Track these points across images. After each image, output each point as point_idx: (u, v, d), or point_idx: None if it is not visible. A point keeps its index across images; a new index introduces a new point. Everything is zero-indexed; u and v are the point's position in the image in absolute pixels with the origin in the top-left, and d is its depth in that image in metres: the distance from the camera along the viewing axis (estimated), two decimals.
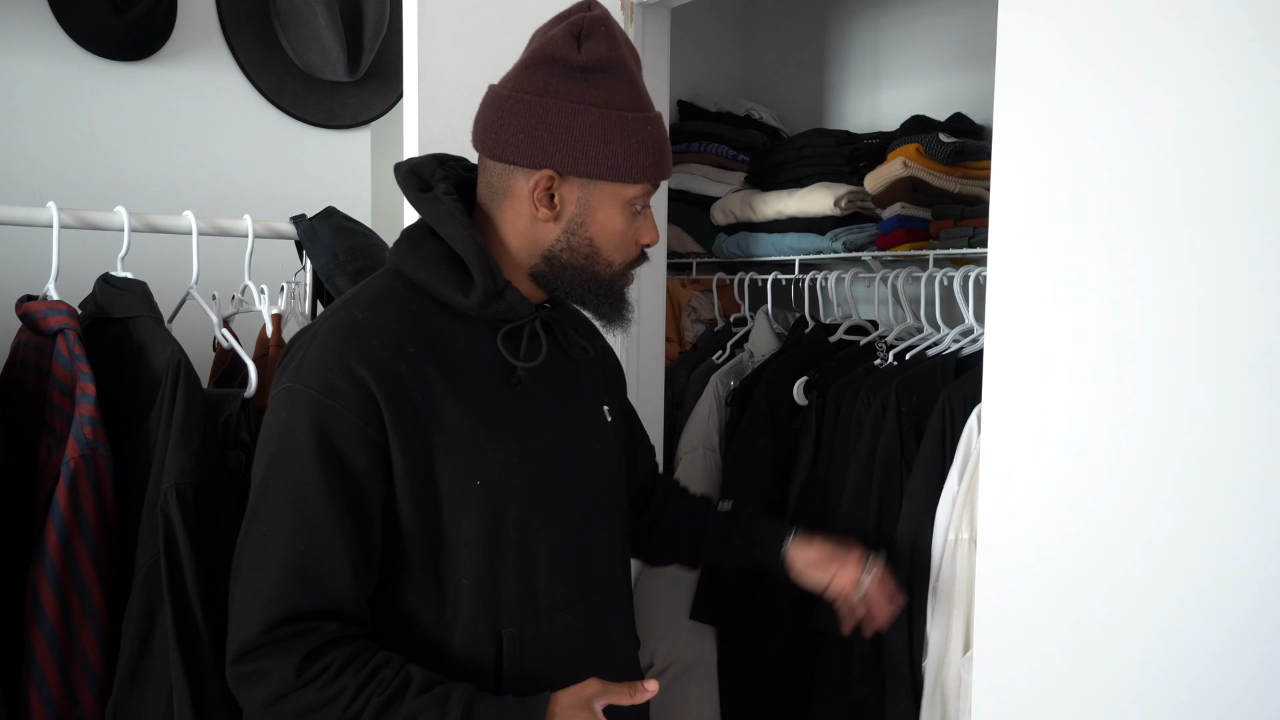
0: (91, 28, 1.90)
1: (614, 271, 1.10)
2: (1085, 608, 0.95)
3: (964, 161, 1.74)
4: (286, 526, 0.96)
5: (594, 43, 1.04)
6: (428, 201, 1.08)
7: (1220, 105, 0.83)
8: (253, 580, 0.97)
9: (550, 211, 1.06)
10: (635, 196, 1.07)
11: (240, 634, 0.95)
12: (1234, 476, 0.84)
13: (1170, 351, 0.87)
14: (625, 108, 1.05)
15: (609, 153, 1.04)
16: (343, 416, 0.97)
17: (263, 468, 0.99)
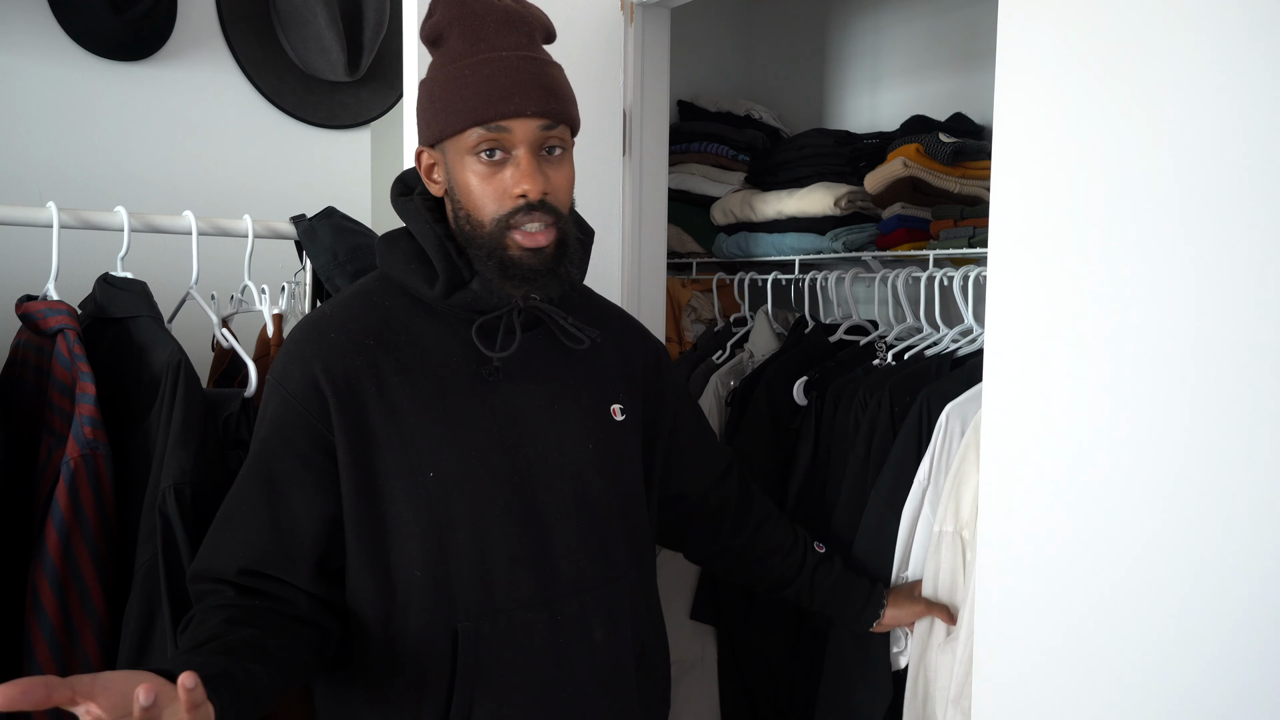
0: (91, 28, 1.90)
1: (494, 229, 1.04)
2: (1085, 607, 0.95)
3: (964, 161, 1.74)
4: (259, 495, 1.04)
5: (434, 17, 1.07)
6: (402, 204, 1.12)
7: (1220, 105, 0.83)
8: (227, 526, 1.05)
9: (438, 186, 1.09)
10: (476, 144, 1.03)
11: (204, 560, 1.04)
12: (1234, 475, 0.84)
13: (1170, 351, 0.87)
14: (457, 59, 1.04)
15: (435, 110, 1.05)
16: (294, 408, 1.03)
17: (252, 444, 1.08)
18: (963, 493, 1.31)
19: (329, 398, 1.02)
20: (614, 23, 1.72)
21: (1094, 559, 0.94)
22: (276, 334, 1.39)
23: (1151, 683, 0.90)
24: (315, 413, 1.02)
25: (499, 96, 1.02)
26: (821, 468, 1.62)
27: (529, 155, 1.04)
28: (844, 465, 1.56)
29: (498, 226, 1.04)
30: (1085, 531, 0.94)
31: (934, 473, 1.35)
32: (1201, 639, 0.87)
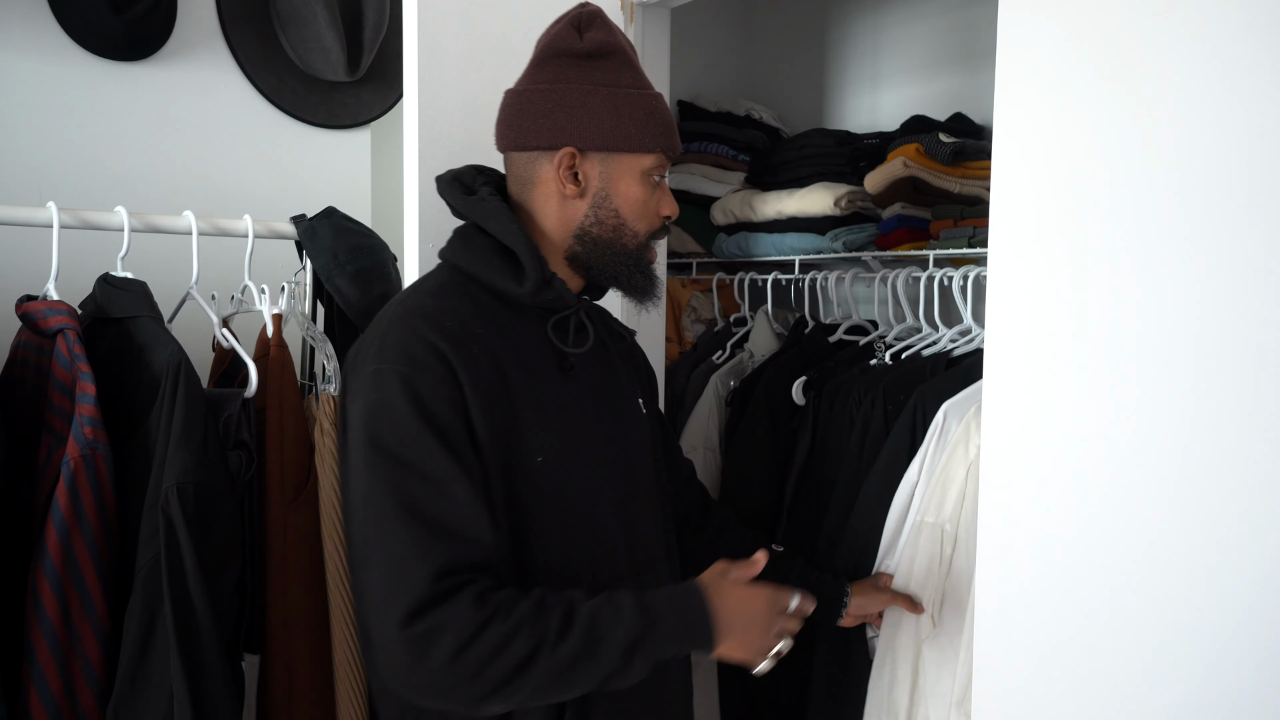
0: (91, 28, 1.90)
1: (640, 242, 1.17)
2: (1086, 608, 0.95)
3: (964, 161, 1.74)
4: (414, 493, 0.98)
5: (594, 31, 1.14)
6: (474, 203, 1.15)
7: (1221, 104, 0.83)
8: (394, 550, 0.96)
9: (576, 188, 1.14)
10: (651, 167, 1.15)
11: (402, 597, 0.94)
12: (1235, 475, 0.84)
13: (1170, 350, 0.87)
14: (630, 86, 1.14)
15: (621, 125, 1.12)
16: (433, 387, 1.01)
17: (363, 450, 1.01)
18: (949, 487, 1.32)
19: (461, 377, 1.03)
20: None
21: (1095, 559, 0.94)
22: (276, 334, 1.39)
23: (1153, 683, 0.90)
24: (450, 385, 1.03)
25: (673, 134, 1.17)
26: (817, 466, 1.63)
27: (666, 183, 1.20)
28: (839, 463, 1.57)
29: (647, 238, 1.18)
30: (1086, 531, 0.94)
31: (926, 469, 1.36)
32: (1203, 638, 0.87)
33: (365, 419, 1.02)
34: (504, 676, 0.95)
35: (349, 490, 1.05)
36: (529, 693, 0.97)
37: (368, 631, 0.99)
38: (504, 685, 0.95)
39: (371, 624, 0.97)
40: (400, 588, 0.95)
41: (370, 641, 0.98)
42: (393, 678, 0.96)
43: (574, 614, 0.99)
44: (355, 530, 1.01)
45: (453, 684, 0.95)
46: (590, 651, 0.98)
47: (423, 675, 0.95)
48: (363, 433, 1.01)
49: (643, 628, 0.99)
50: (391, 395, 1.01)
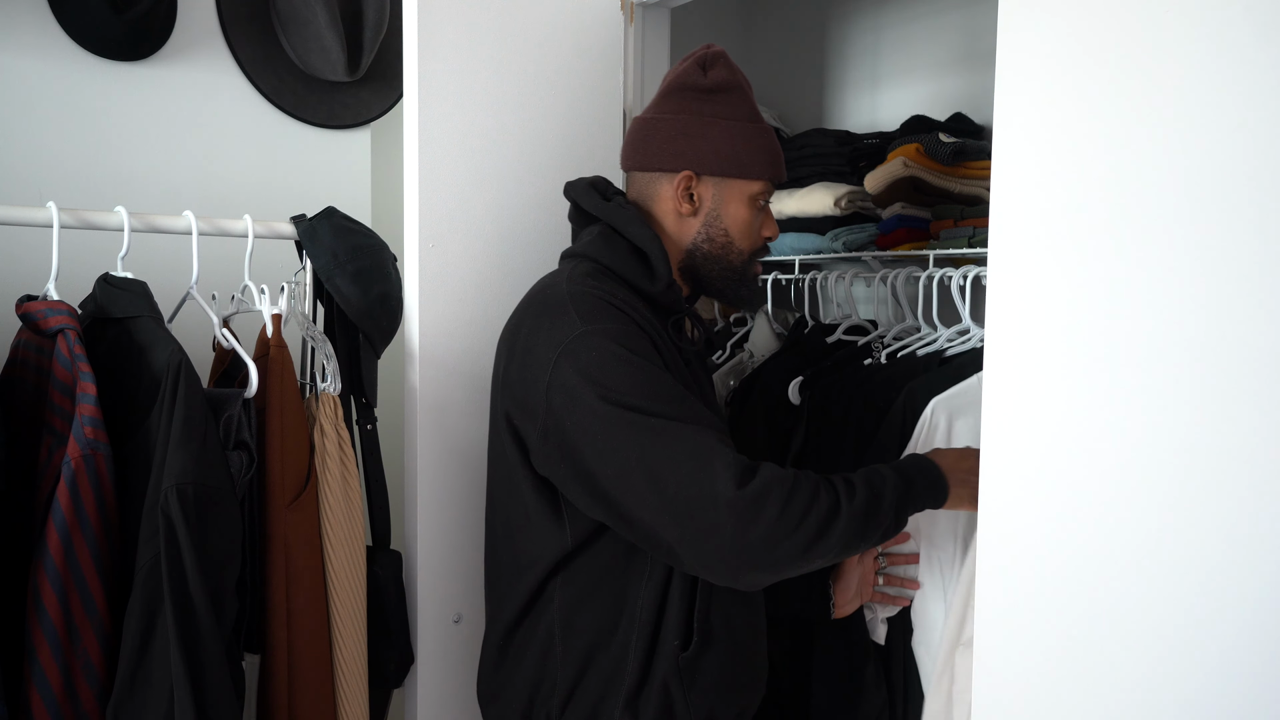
0: (91, 27, 1.90)
1: (744, 259, 1.34)
2: (1087, 607, 0.95)
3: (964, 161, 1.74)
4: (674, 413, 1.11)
5: (717, 70, 1.31)
6: (614, 208, 1.30)
7: (1222, 104, 0.83)
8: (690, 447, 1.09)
9: (691, 207, 1.30)
10: (759, 192, 1.32)
11: (724, 472, 1.07)
12: (1236, 475, 0.84)
13: (1170, 350, 0.87)
14: (746, 119, 1.31)
15: (736, 154, 1.29)
16: (636, 338, 1.17)
17: (612, 393, 1.11)
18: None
19: (649, 332, 1.19)
20: (614, 23, 1.72)
21: (1095, 558, 0.94)
22: (276, 334, 1.39)
23: (1155, 683, 0.90)
24: (646, 339, 1.18)
25: (781, 163, 1.34)
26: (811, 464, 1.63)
27: (769, 208, 1.37)
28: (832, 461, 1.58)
29: (751, 257, 1.35)
30: (1086, 531, 0.95)
31: None
32: (1205, 638, 0.87)
33: (600, 371, 1.12)
34: (819, 527, 1.09)
35: (600, 442, 1.11)
36: (835, 543, 1.11)
37: (691, 530, 1.08)
38: (819, 536, 1.09)
39: (695, 515, 1.08)
40: (717, 466, 1.08)
41: (692, 537, 1.09)
42: (727, 552, 1.08)
43: (852, 479, 1.15)
44: (635, 459, 1.10)
45: (781, 537, 1.08)
46: (875, 505, 1.13)
47: (759, 533, 1.07)
48: (589, 390, 1.12)
49: (904, 487, 1.16)
50: (611, 346, 1.14)
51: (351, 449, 1.43)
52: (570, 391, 1.13)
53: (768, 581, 1.15)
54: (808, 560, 1.11)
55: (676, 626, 1.20)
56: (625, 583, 1.22)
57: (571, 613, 1.23)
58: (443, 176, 1.52)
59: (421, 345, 1.51)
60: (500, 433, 1.26)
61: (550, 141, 1.64)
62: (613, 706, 1.20)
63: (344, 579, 1.37)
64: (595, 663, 1.22)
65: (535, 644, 1.26)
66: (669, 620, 1.21)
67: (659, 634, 1.21)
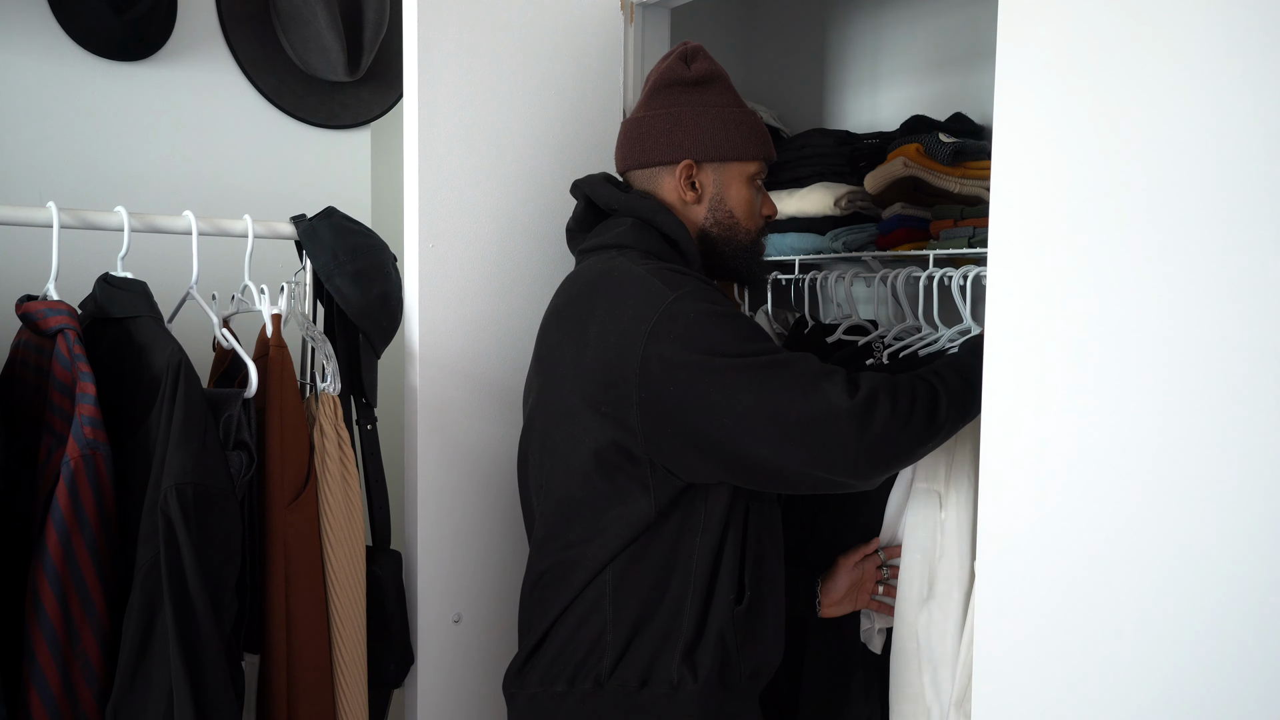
0: (91, 28, 1.90)
1: (751, 237, 1.40)
2: (1087, 606, 0.95)
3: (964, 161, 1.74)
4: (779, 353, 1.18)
5: (699, 62, 1.37)
6: (638, 199, 1.35)
7: (1222, 104, 0.83)
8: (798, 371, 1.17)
9: (694, 194, 1.35)
10: (755, 172, 1.38)
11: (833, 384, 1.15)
12: (1236, 475, 0.84)
13: (1170, 350, 0.87)
14: (733, 105, 1.37)
15: (729, 137, 1.34)
16: (720, 297, 1.23)
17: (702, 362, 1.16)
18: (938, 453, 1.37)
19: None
20: (614, 23, 1.72)
21: (1096, 557, 0.94)
22: (276, 334, 1.39)
23: (1155, 683, 0.90)
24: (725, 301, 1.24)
25: (768, 140, 1.39)
26: None
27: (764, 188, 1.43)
28: None
29: (757, 234, 1.41)
30: (1086, 530, 0.94)
31: None
32: (1206, 637, 0.87)
33: (694, 337, 1.17)
34: (927, 414, 1.18)
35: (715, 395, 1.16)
36: (945, 424, 1.19)
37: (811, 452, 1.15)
38: (929, 422, 1.18)
39: (821, 434, 1.14)
40: (826, 386, 1.15)
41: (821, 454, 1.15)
42: (857, 455, 1.15)
43: (938, 368, 1.23)
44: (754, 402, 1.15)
45: (898, 430, 1.15)
46: (966, 382, 1.20)
47: (879, 432, 1.14)
48: (699, 346, 1.17)
49: (972, 367, 1.21)
50: (699, 308, 1.19)
51: (351, 449, 1.43)
52: (671, 359, 1.17)
53: (894, 470, 1.27)
54: (925, 445, 1.20)
55: (731, 582, 1.25)
56: (678, 543, 1.25)
57: (621, 579, 1.25)
58: (443, 177, 1.52)
59: (421, 345, 1.51)
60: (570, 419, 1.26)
61: (550, 141, 1.64)
62: (669, 660, 1.23)
63: (344, 579, 1.37)
64: (651, 621, 1.25)
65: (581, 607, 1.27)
66: (723, 577, 1.25)
67: (714, 590, 1.25)
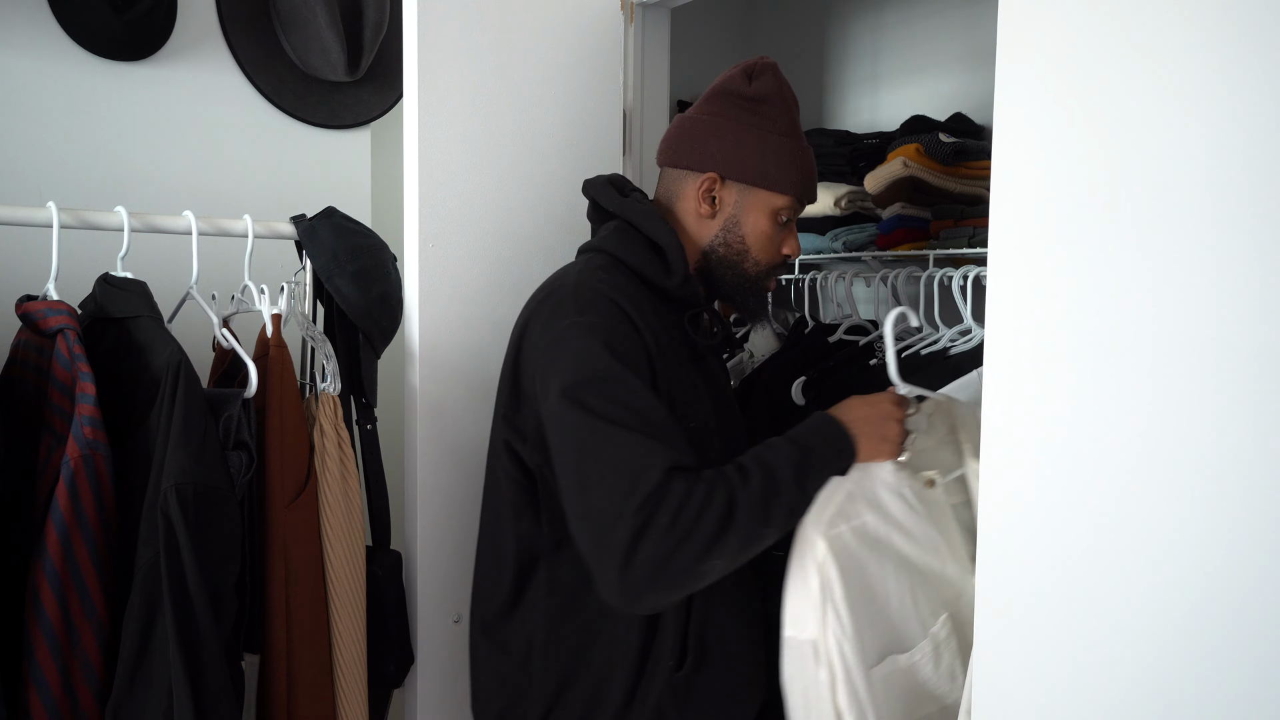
0: (91, 28, 1.90)
1: (760, 270, 1.32)
2: (1087, 608, 0.95)
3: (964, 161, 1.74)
4: (631, 412, 1.07)
5: (762, 80, 1.30)
6: (630, 203, 1.30)
7: (1223, 105, 0.83)
8: (625, 456, 1.05)
9: (711, 209, 1.30)
10: (783, 207, 1.30)
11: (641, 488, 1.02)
12: (1239, 474, 0.84)
13: (1170, 350, 0.87)
14: (782, 133, 1.29)
15: (764, 164, 1.27)
16: (625, 337, 1.15)
17: (574, 391, 1.09)
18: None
19: (642, 331, 1.17)
20: (614, 23, 1.72)
21: (1096, 558, 0.94)
22: (276, 334, 1.39)
23: (1156, 685, 0.90)
24: (636, 337, 1.16)
25: (812, 184, 1.32)
26: None
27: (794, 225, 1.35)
28: None
29: (767, 270, 1.33)
30: (1087, 531, 0.94)
31: None
32: (1206, 637, 0.87)
33: (572, 365, 1.11)
34: (714, 530, 1.03)
35: (554, 433, 1.11)
36: (735, 541, 1.05)
37: (592, 545, 1.05)
38: (716, 539, 1.03)
39: (602, 530, 1.03)
40: (641, 481, 1.03)
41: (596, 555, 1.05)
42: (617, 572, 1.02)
43: (743, 463, 1.10)
44: (572, 461, 1.08)
45: (673, 550, 1.02)
46: (772, 485, 1.08)
47: (647, 552, 1.01)
48: (561, 378, 1.10)
49: (801, 455, 1.11)
50: (592, 343, 1.12)
51: (351, 449, 1.43)
52: (547, 380, 1.12)
53: (671, 601, 1.11)
54: (704, 570, 1.05)
55: (671, 645, 1.17)
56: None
57: (553, 623, 1.20)
58: (443, 176, 1.52)
59: (421, 345, 1.51)
60: (496, 423, 1.27)
61: (550, 141, 1.64)
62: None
63: (343, 579, 1.37)
64: (576, 679, 1.19)
65: (514, 650, 1.24)
66: (663, 638, 1.17)
67: (650, 652, 1.17)
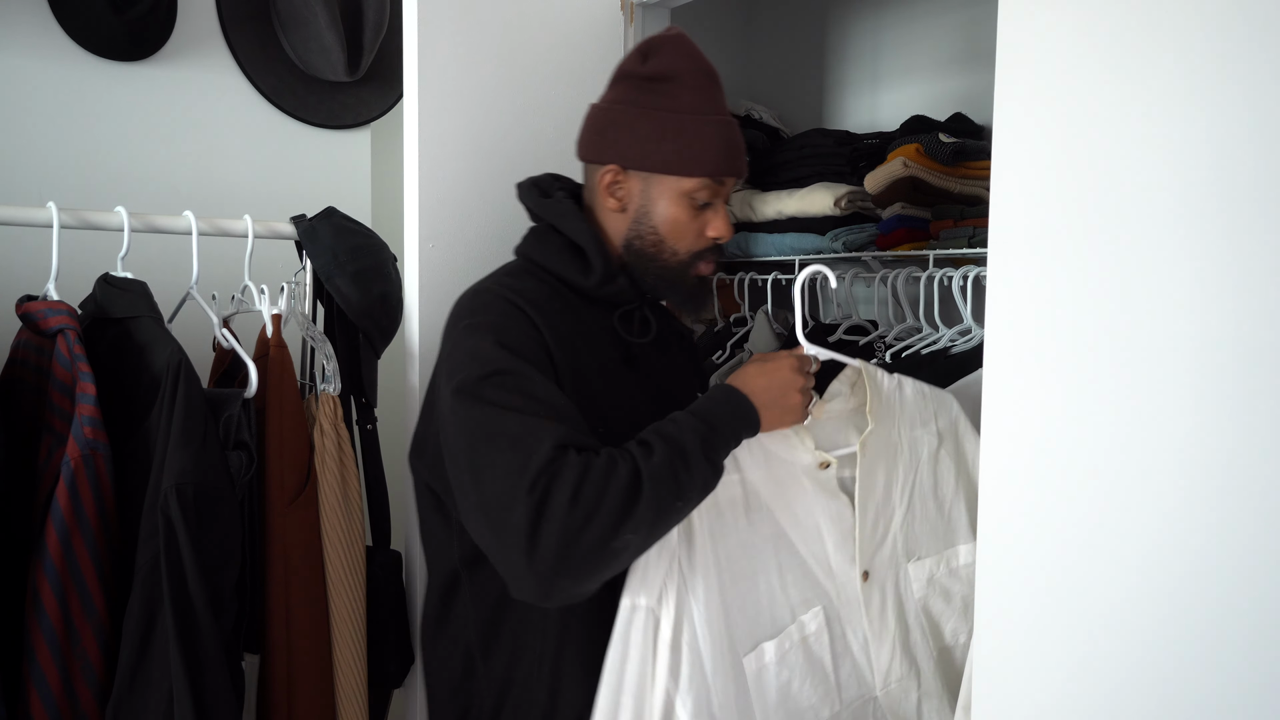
0: (91, 28, 1.90)
1: (681, 260, 1.23)
2: (1087, 607, 0.95)
3: (964, 161, 1.74)
4: (520, 396, 1.03)
5: (659, 57, 1.20)
6: (549, 204, 1.25)
7: (1222, 104, 0.83)
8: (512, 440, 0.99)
9: (617, 203, 1.23)
10: (693, 189, 1.20)
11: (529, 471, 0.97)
12: (1236, 475, 0.84)
13: (1170, 350, 0.87)
14: (685, 111, 1.19)
15: (664, 149, 1.18)
16: (521, 333, 1.11)
17: (463, 389, 1.04)
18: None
19: (543, 330, 1.12)
20: (614, 23, 1.72)
21: (1095, 558, 0.94)
22: (276, 334, 1.39)
23: (1155, 685, 0.90)
24: (535, 334, 1.12)
25: (729, 157, 1.21)
26: None
27: (724, 206, 1.25)
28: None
29: (690, 258, 1.24)
30: (1086, 531, 0.94)
31: None
32: (1206, 638, 0.87)
33: (462, 362, 1.08)
34: (621, 502, 0.97)
35: (447, 431, 1.07)
36: (646, 515, 0.99)
37: (493, 535, 0.99)
38: (624, 514, 0.97)
39: (502, 516, 0.97)
40: (527, 465, 0.97)
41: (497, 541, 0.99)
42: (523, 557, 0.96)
43: (645, 437, 1.05)
44: (464, 453, 1.02)
45: (580, 526, 0.95)
46: (680, 457, 1.02)
47: (552, 531, 0.95)
48: (461, 374, 1.06)
49: (706, 427, 1.06)
50: (483, 340, 1.08)
51: (351, 449, 1.43)
52: (439, 387, 1.10)
53: (589, 588, 1.01)
54: (619, 546, 0.98)
55: None
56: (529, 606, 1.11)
57: (487, 635, 1.17)
58: (443, 176, 1.52)
59: (421, 345, 1.51)
60: None
61: (550, 141, 1.64)
62: None
63: (343, 579, 1.37)
64: (510, 694, 1.16)
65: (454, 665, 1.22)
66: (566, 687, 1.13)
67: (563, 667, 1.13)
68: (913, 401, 1.31)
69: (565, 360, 1.14)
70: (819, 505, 1.23)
